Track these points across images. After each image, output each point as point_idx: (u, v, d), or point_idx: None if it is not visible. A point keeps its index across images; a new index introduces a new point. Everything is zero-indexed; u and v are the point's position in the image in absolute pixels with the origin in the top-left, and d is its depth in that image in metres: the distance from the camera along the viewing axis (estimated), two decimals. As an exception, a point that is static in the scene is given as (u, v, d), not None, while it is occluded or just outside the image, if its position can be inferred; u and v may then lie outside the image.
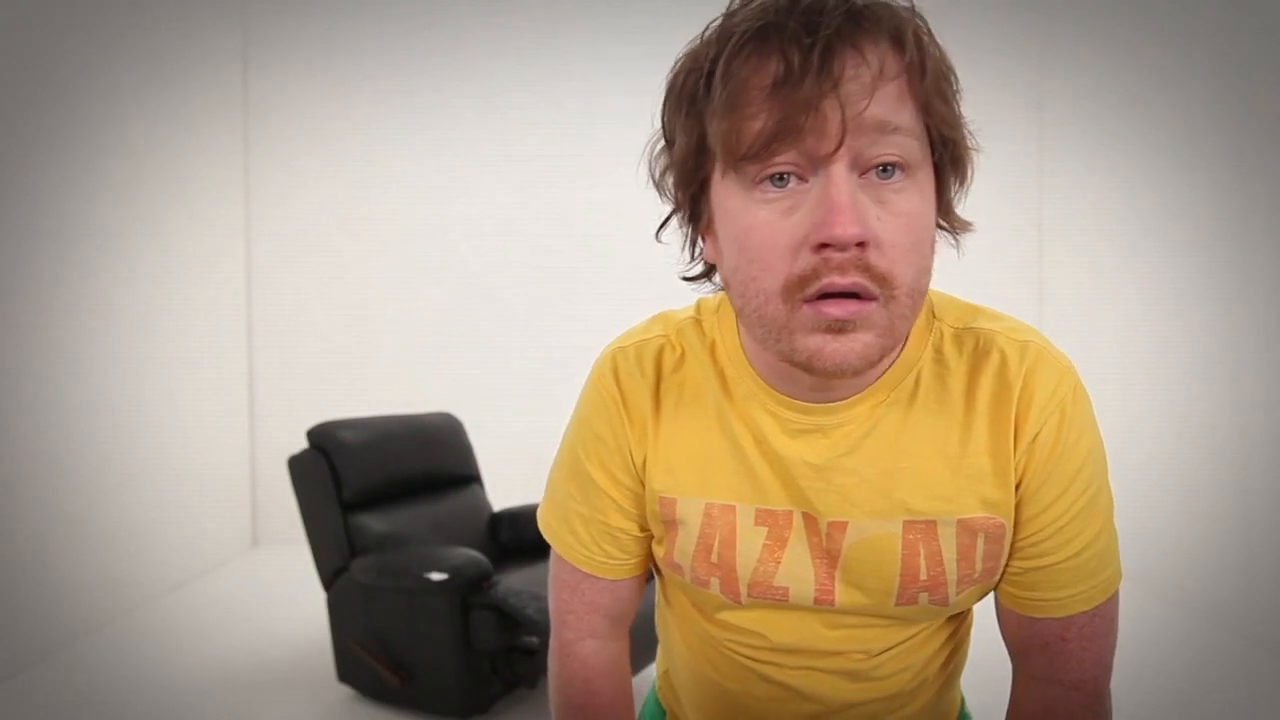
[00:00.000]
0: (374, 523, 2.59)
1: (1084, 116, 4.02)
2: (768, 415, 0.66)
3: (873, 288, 0.53)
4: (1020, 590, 0.68)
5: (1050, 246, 4.43)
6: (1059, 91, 4.28)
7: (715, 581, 0.70)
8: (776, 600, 0.69)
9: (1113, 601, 0.68)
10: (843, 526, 0.65)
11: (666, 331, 0.72)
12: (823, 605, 0.69)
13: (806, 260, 0.53)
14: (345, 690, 2.56)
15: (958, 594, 0.68)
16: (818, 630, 0.70)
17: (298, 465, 2.63)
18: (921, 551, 0.65)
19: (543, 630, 2.19)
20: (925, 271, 0.56)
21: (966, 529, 0.65)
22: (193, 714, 2.44)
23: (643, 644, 2.35)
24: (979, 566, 0.67)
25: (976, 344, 0.64)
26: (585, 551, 0.76)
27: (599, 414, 0.72)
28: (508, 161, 4.55)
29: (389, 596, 2.39)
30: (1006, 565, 0.68)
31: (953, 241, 0.63)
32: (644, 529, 0.75)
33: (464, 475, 3.01)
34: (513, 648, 2.39)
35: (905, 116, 0.53)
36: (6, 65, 2.74)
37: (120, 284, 3.36)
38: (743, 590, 0.69)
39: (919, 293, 0.56)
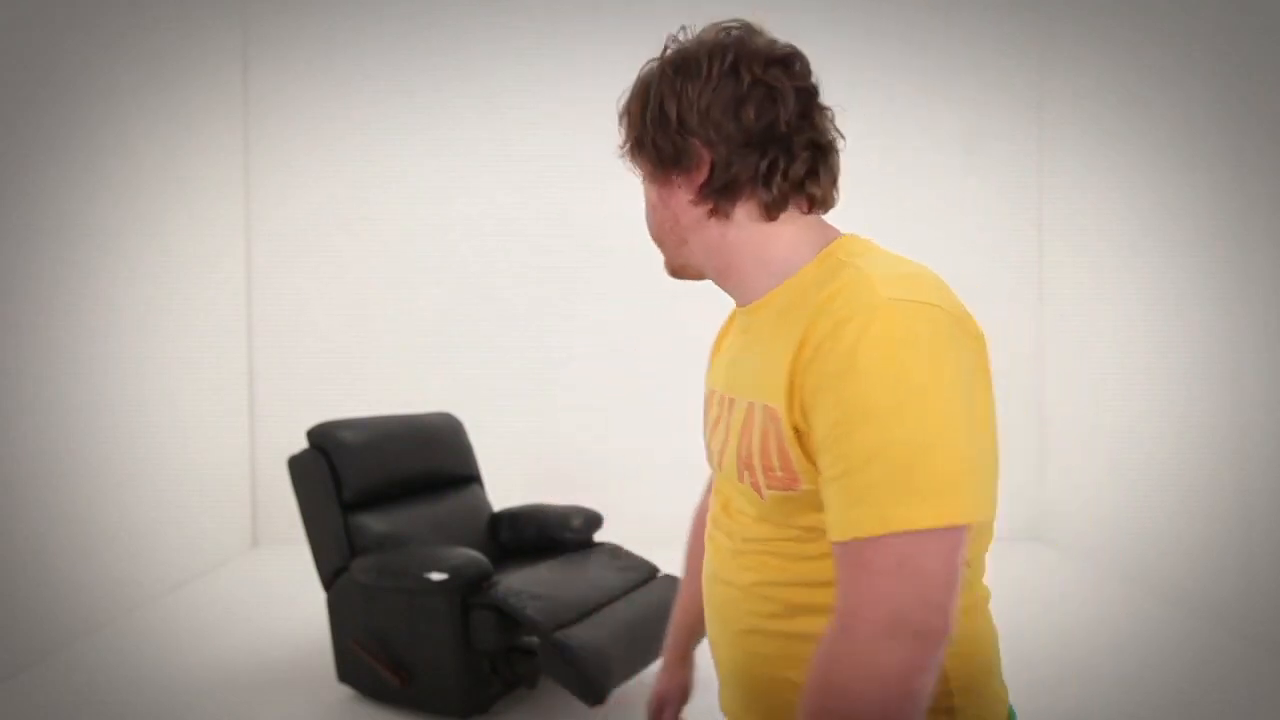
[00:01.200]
0: (374, 523, 2.59)
1: (1084, 116, 4.02)
2: (735, 326, 0.91)
3: None
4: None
5: (1050, 246, 4.43)
6: (1059, 91, 4.28)
7: (706, 450, 0.93)
8: (715, 463, 0.90)
9: (874, 548, 0.63)
10: (732, 402, 0.84)
11: None
12: (725, 470, 0.86)
13: None
14: (345, 690, 2.56)
15: (765, 480, 0.75)
16: (726, 503, 0.86)
17: (298, 465, 2.63)
18: (754, 430, 0.78)
19: (543, 630, 2.19)
20: (654, 228, 0.88)
21: (766, 413, 0.76)
22: (193, 714, 2.44)
23: (645, 642, 2.35)
24: (764, 446, 0.75)
25: (840, 270, 0.75)
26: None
27: None
28: (508, 161, 4.55)
29: (389, 596, 2.39)
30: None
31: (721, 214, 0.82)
32: None
33: (464, 475, 3.01)
34: (513, 648, 2.39)
35: (629, 150, 0.86)
36: (6, 65, 2.74)
37: (120, 284, 3.36)
38: (709, 454, 0.92)
39: (662, 240, 0.88)
